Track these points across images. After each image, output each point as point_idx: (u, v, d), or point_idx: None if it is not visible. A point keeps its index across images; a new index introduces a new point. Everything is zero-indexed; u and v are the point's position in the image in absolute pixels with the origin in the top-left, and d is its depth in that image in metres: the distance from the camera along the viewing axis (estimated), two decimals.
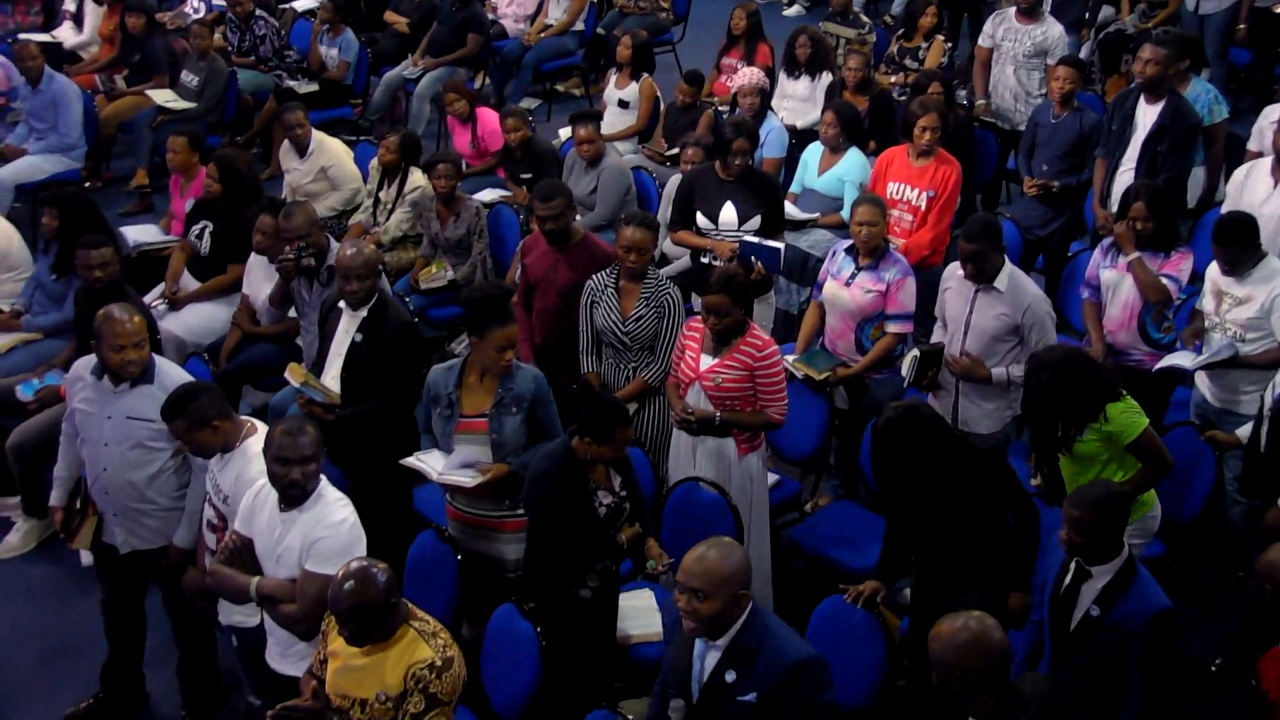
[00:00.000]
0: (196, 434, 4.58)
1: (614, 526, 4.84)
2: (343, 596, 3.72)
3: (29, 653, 5.89)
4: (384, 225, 7.92)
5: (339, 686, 3.85)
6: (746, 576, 3.89)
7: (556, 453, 4.84)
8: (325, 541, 4.16)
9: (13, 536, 6.56)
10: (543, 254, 6.27)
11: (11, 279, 7.25)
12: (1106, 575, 4.26)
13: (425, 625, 3.87)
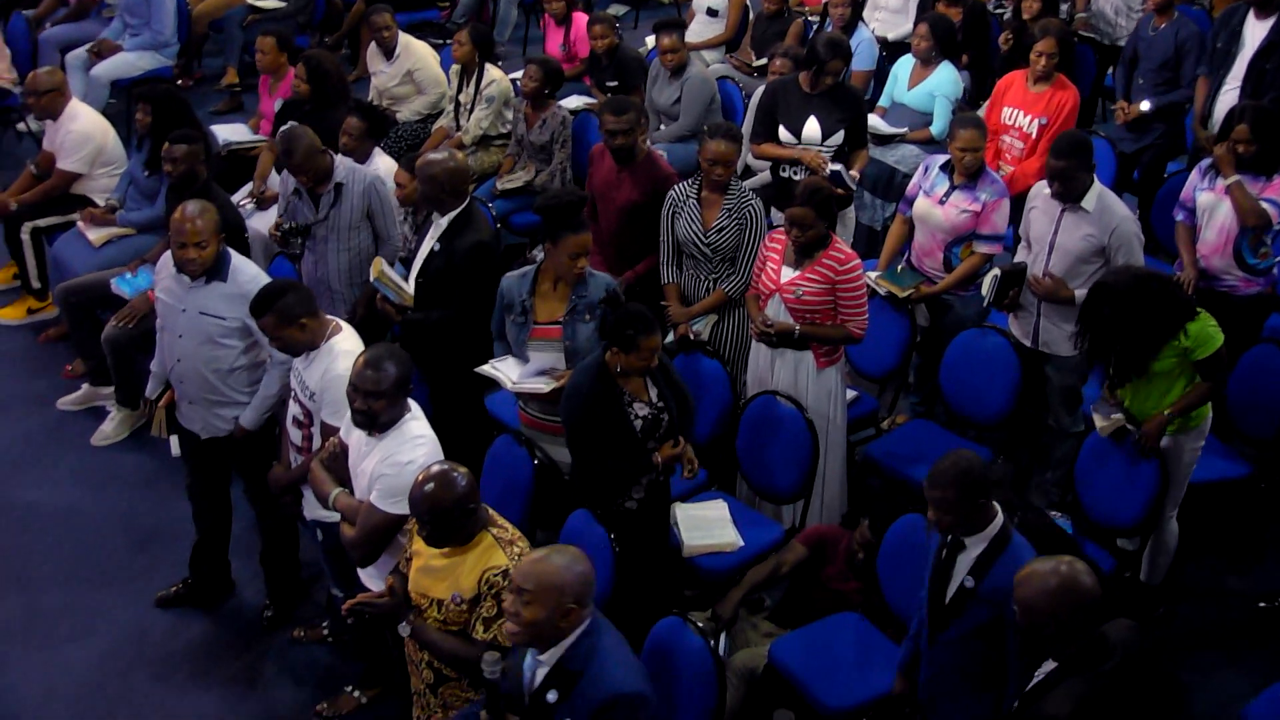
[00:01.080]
0: (284, 330, 4.63)
1: (653, 438, 4.82)
2: (422, 498, 3.75)
3: (122, 538, 6.08)
4: (465, 126, 7.91)
5: (419, 584, 3.91)
6: (584, 592, 3.51)
7: (589, 366, 4.82)
8: (389, 479, 4.18)
9: (107, 425, 6.74)
10: (608, 169, 6.24)
11: (107, 174, 7.38)
12: (980, 545, 4.10)
13: (504, 533, 3.89)
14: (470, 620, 3.80)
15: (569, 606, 3.46)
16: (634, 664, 3.61)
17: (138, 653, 5.44)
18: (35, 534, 6.06)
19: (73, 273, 6.99)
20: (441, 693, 3.96)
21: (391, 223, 6.18)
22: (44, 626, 5.57)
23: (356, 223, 6.05)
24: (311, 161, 5.96)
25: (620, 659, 3.56)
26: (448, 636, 3.83)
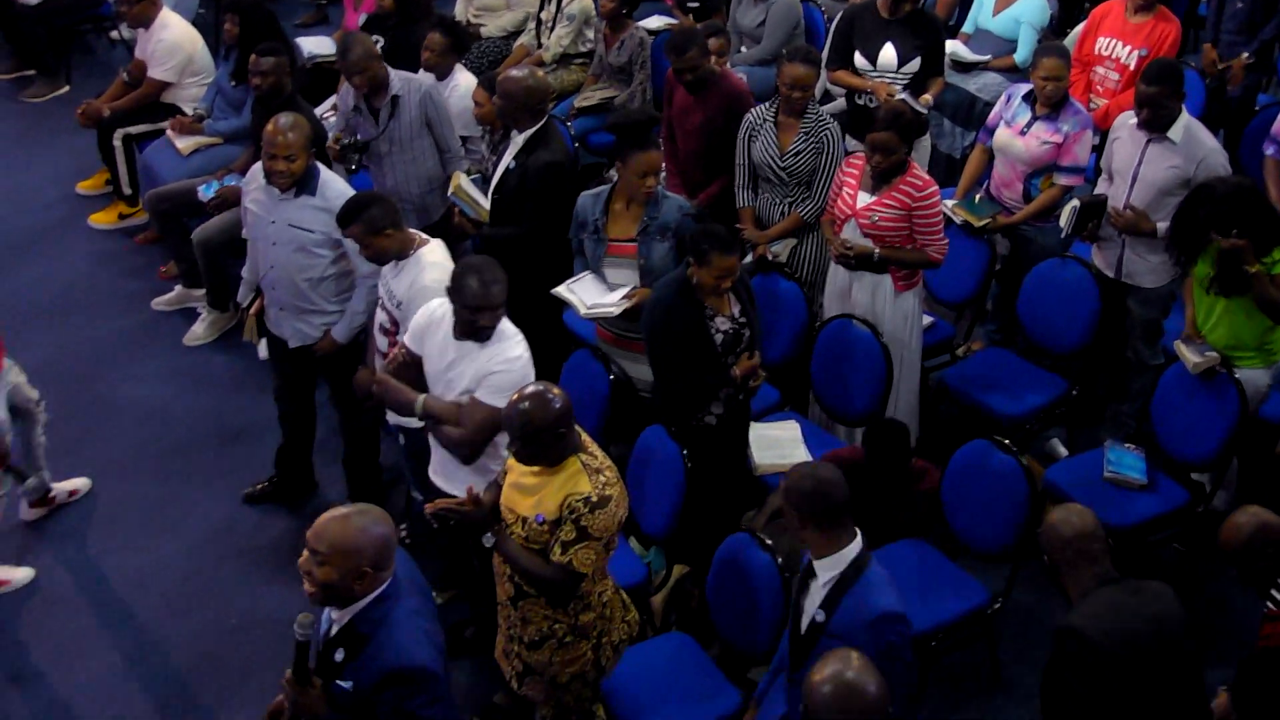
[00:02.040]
0: (372, 239, 4.65)
1: (733, 354, 4.80)
2: (516, 415, 3.74)
3: (212, 436, 6.20)
4: (546, 44, 7.84)
5: (509, 499, 3.92)
6: (381, 556, 3.27)
7: (672, 280, 4.80)
8: (500, 376, 4.20)
9: (199, 327, 6.85)
10: (682, 92, 6.18)
11: (195, 83, 7.42)
12: (829, 573, 3.66)
13: (593, 460, 3.86)
14: (550, 541, 3.81)
15: (364, 570, 3.23)
16: (425, 637, 3.30)
17: (225, 546, 5.57)
18: (131, 428, 6.20)
19: (161, 180, 7.06)
20: (521, 606, 3.99)
21: (450, 131, 6.16)
22: (139, 517, 5.72)
23: (416, 133, 6.04)
24: (367, 65, 5.93)
25: (411, 630, 3.28)
26: (527, 553, 3.84)
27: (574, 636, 4.00)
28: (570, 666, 4.05)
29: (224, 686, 4.97)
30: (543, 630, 4.00)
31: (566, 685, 4.09)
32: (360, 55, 5.93)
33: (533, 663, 4.07)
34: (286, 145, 4.98)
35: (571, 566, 3.77)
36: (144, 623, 5.21)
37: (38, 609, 5.29)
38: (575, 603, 3.94)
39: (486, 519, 3.92)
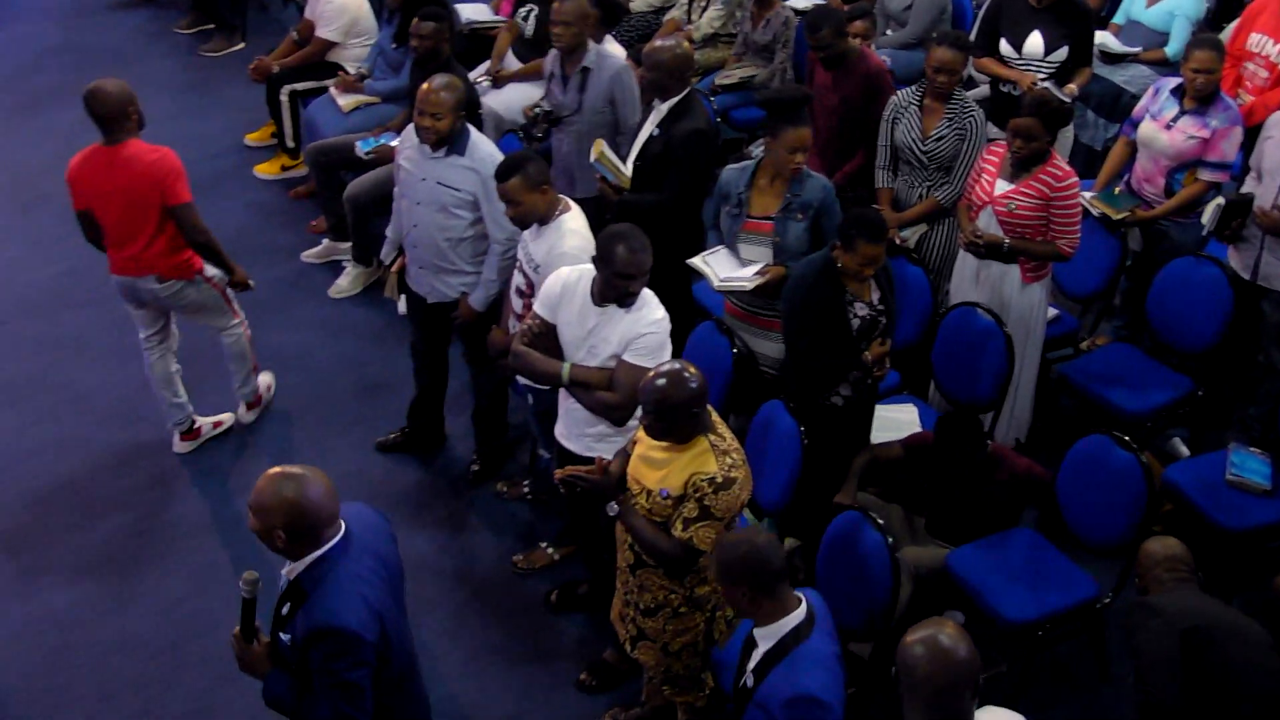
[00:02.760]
0: (527, 195, 4.65)
1: (867, 340, 4.73)
2: (652, 391, 3.73)
3: (349, 385, 6.35)
4: (696, 22, 7.80)
5: (636, 470, 3.93)
6: (291, 522, 3.19)
7: (817, 259, 4.75)
8: (647, 338, 4.21)
9: (343, 280, 7.00)
10: (821, 71, 6.10)
11: (359, 44, 7.56)
12: (766, 643, 3.46)
13: (721, 441, 3.83)
14: (672, 515, 3.80)
15: (275, 530, 3.19)
16: (360, 601, 3.22)
17: (358, 492, 5.67)
18: (276, 373, 6.36)
19: (322, 135, 7.22)
20: (639, 574, 4.01)
21: (632, 112, 6.11)
22: (278, 458, 5.86)
23: (600, 108, 6.04)
24: (574, 22, 5.89)
25: (346, 593, 3.21)
26: (649, 525, 3.85)
27: (688, 607, 4.01)
28: (682, 636, 4.06)
29: None
30: (658, 599, 4.01)
31: (677, 654, 4.10)
32: (571, 9, 5.92)
33: (647, 629, 4.08)
34: (436, 104, 5.03)
35: (691, 543, 3.77)
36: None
37: (179, 538, 5.49)
38: (692, 576, 3.95)
39: (613, 488, 3.93)
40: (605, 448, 4.31)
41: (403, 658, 3.47)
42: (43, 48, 9.61)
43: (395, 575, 3.45)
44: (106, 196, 5.27)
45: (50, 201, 7.67)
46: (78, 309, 6.80)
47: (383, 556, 3.40)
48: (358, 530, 3.35)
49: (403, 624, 3.49)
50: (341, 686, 3.20)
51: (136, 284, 5.46)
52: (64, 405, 6.15)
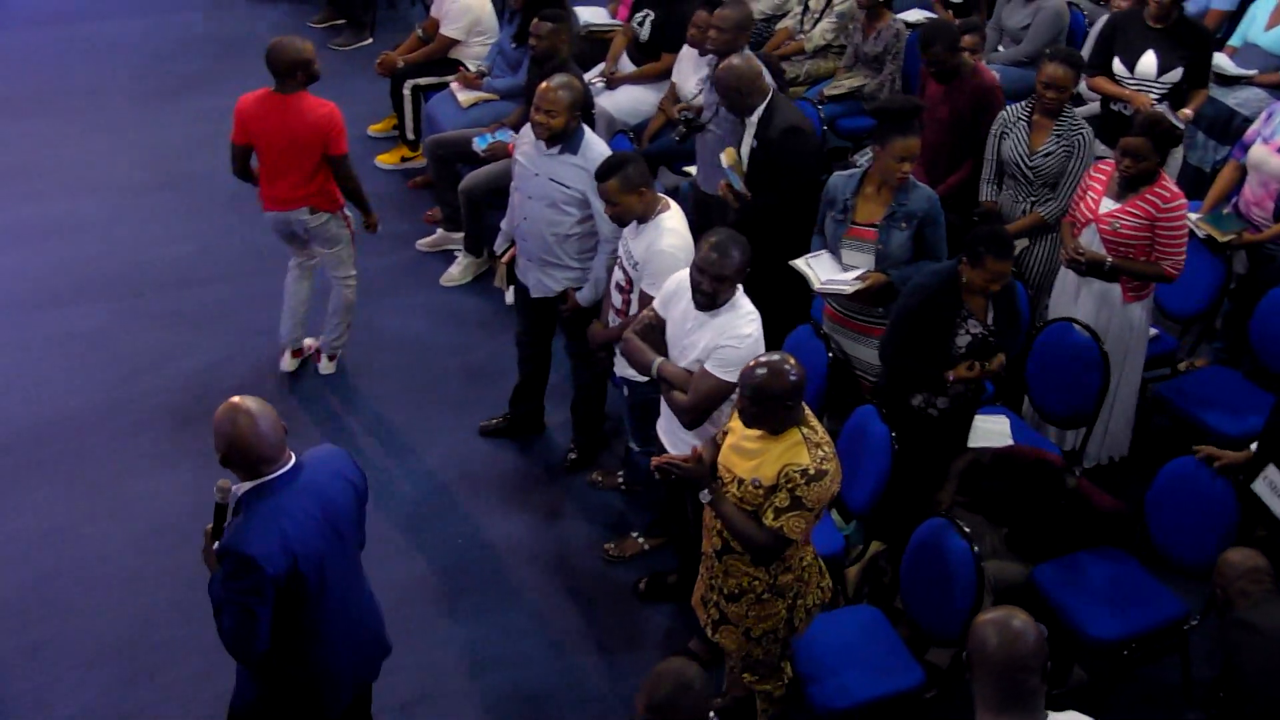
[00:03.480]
0: (624, 196, 4.65)
1: (976, 359, 4.64)
2: (751, 379, 3.72)
3: (454, 370, 6.41)
4: (809, 33, 7.73)
5: (727, 459, 3.92)
6: (229, 449, 3.39)
7: (941, 271, 4.69)
8: (728, 350, 4.17)
9: (454, 269, 7.08)
10: (933, 84, 6.01)
11: (480, 42, 7.63)
12: None
13: (813, 434, 3.81)
14: (763, 504, 3.79)
15: (220, 450, 3.40)
16: (275, 534, 3.33)
17: (459, 473, 5.76)
18: (389, 355, 6.46)
19: (441, 128, 7.30)
20: (725, 560, 3.99)
21: None
22: (386, 437, 5.97)
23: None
24: (729, 29, 5.87)
25: (261, 523, 3.34)
26: (740, 513, 3.83)
27: (771, 594, 3.99)
28: (764, 622, 4.04)
29: (438, 600, 5.13)
30: (742, 585, 4.00)
31: (758, 639, 4.08)
32: (731, 16, 5.90)
33: (729, 613, 4.07)
34: (553, 101, 5.05)
35: (782, 532, 3.75)
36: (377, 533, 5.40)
37: None
38: (776, 564, 3.93)
39: (706, 475, 3.93)
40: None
41: (334, 600, 3.53)
42: (187, 36, 9.87)
43: (342, 522, 3.53)
44: (272, 136, 5.67)
45: (185, 182, 7.89)
46: (204, 285, 6.96)
47: (329, 503, 3.49)
48: (311, 473, 3.48)
49: (344, 568, 3.56)
50: (239, 605, 3.33)
51: (290, 218, 5.85)
52: (188, 377, 6.30)
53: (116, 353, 6.38)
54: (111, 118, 8.63)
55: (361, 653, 3.77)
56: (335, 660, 3.64)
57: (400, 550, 5.33)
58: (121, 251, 7.22)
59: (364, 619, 3.74)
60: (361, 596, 3.73)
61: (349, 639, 3.66)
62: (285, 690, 3.61)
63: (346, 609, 3.61)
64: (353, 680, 3.79)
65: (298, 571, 3.37)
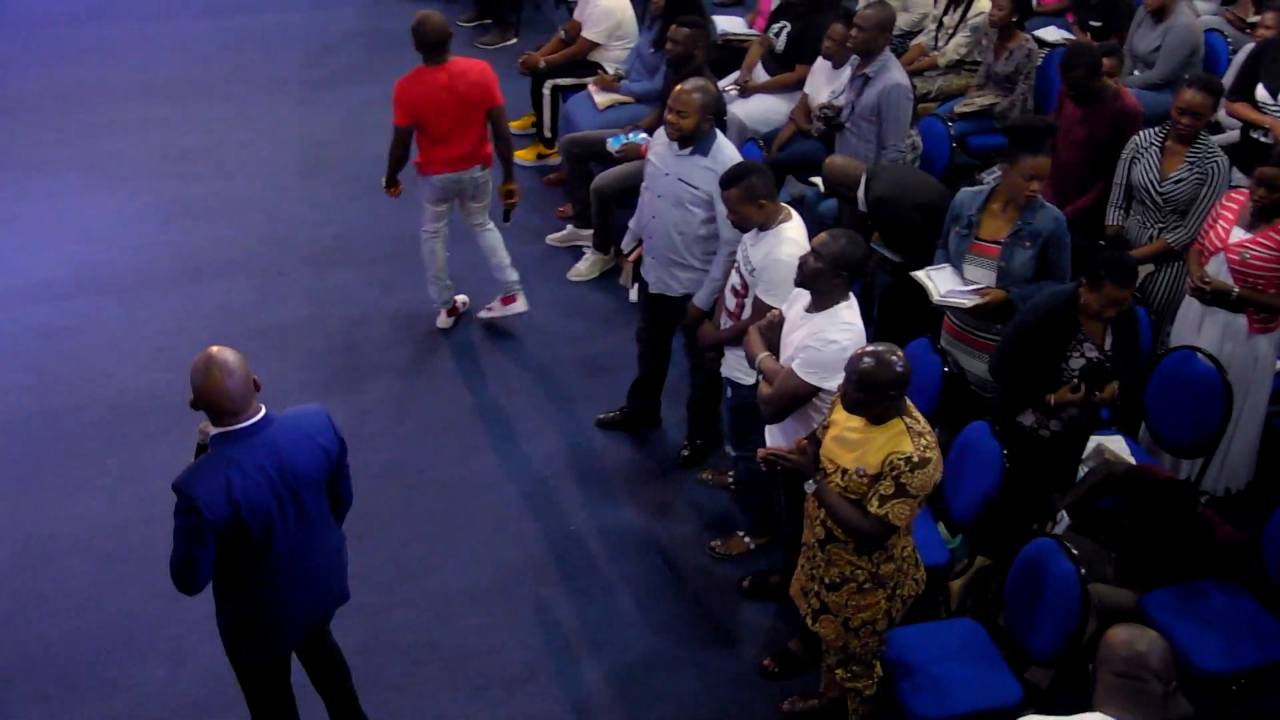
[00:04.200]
0: (744, 205, 4.64)
1: (1089, 383, 4.50)
2: (857, 365, 3.70)
3: (578, 362, 6.45)
4: (943, 49, 7.61)
5: (829, 450, 3.90)
6: (200, 397, 3.52)
7: (1062, 293, 4.57)
8: (813, 352, 4.14)
9: (581, 264, 7.12)
10: (1071, 105, 5.85)
11: (620, 46, 7.67)
12: None
13: (916, 424, 3.79)
14: (868, 493, 3.77)
15: (193, 398, 3.52)
16: (220, 480, 3.45)
17: (573, 461, 5.79)
18: (515, 343, 6.54)
19: (577, 127, 7.35)
20: (828, 550, 3.96)
21: (895, 131, 6.01)
22: (505, 422, 6.04)
23: (867, 116, 5.99)
24: (871, 28, 5.92)
25: (208, 467, 3.49)
26: (845, 502, 3.81)
27: (872, 584, 3.95)
28: (863, 612, 4.00)
29: (547, 582, 5.16)
30: (844, 574, 3.96)
31: (856, 630, 4.04)
32: (872, 16, 5.96)
33: (829, 603, 4.04)
34: (685, 102, 5.05)
35: (887, 519, 3.73)
36: (496, 515, 5.48)
37: (414, 493, 5.66)
38: (879, 553, 3.90)
39: (811, 467, 3.92)
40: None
41: (283, 551, 3.65)
42: (341, 31, 10.11)
43: (299, 481, 3.62)
44: (443, 105, 5.91)
45: (334, 169, 8.08)
46: (346, 266, 7.13)
47: (288, 462, 3.59)
48: (277, 431, 3.58)
49: (295, 523, 3.65)
50: (183, 541, 3.47)
51: (463, 177, 6.15)
52: (330, 351, 6.46)
53: (260, 327, 6.57)
54: (269, 105, 8.89)
55: (313, 600, 3.89)
56: (282, 604, 3.77)
57: (513, 532, 5.38)
58: (270, 231, 7.43)
59: (317, 571, 3.83)
60: (317, 550, 3.80)
61: (298, 586, 3.78)
62: (237, 620, 3.78)
63: (296, 561, 3.71)
64: (303, 621, 3.91)
65: (239, 520, 3.49)
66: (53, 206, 7.59)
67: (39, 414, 5.91)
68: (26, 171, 7.95)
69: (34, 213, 7.51)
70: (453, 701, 4.61)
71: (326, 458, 3.72)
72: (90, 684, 4.61)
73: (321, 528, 3.79)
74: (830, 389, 4.13)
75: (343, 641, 4.21)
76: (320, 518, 3.78)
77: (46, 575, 5.06)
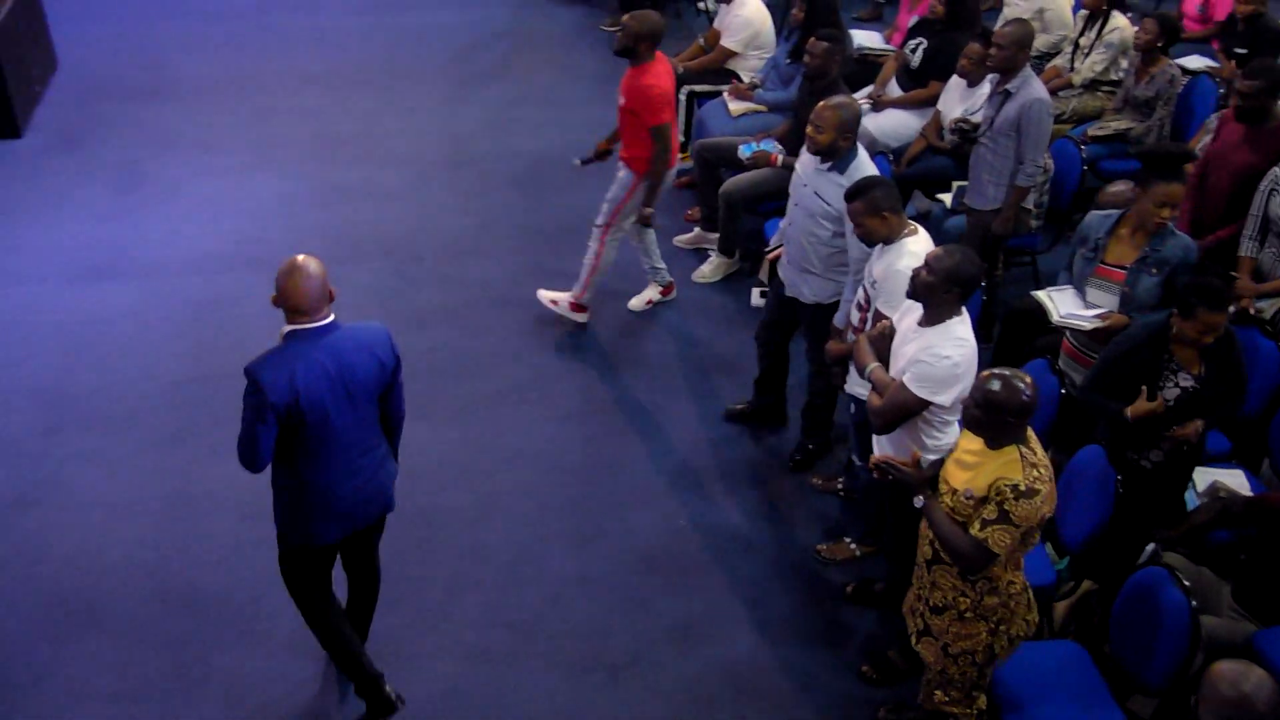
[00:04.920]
0: (868, 219, 4.59)
1: (1180, 414, 4.35)
2: (985, 384, 3.61)
3: (697, 361, 6.46)
4: (1078, 68, 7.42)
5: (947, 470, 3.84)
6: (282, 297, 3.83)
7: (1154, 321, 4.43)
8: (924, 366, 4.06)
9: (706, 266, 7.13)
10: (1230, 129, 5.62)
11: (757, 56, 7.65)
12: None
13: (1032, 455, 3.67)
14: (972, 515, 3.69)
15: (275, 295, 3.83)
16: (285, 371, 3.77)
17: (689, 457, 5.79)
18: (636, 340, 6.57)
19: (710, 133, 7.36)
20: (934, 570, 3.90)
21: (1033, 147, 5.88)
22: (625, 415, 6.07)
23: (1006, 130, 5.88)
24: (1009, 47, 5.82)
25: (277, 356, 3.82)
26: (948, 521, 3.75)
27: (974, 615, 3.86)
28: (963, 641, 3.92)
29: (656, 573, 5.18)
30: (948, 599, 3.89)
31: (955, 657, 3.96)
32: (1012, 33, 5.87)
33: (932, 625, 3.98)
34: (823, 118, 5.02)
35: (987, 544, 3.64)
36: (612, 504, 5.52)
37: (536, 478, 5.73)
38: (983, 584, 3.81)
39: (922, 482, 3.86)
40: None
41: (337, 442, 3.94)
42: (490, 31, 10.28)
43: (355, 385, 3.91)
44: (671, 97, 6.11)
45: (475, 163, 8.22)
46: (481, 256, 7.24)
47: (346, 366, 3.89)
48: (340, 338, 3.89)
49: (349, 422, 3.94)
50: (249, 421, 3.79)
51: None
52: (461, 335, 6.58)
53: (397, 308, 6.71)
54: (417, 98, 9.08)
55: (355, 496, 4.08)
56: (327, 492, 4.01)
57: (627, 523, 5.42)
58: (412, 218, 7.60)
59: (363, 471, 4.06)
60: (365, 453, 4.05)
61: (344, 480, 4.02)
62: (289, 502, 4.04)
63: (345, 458, 3.99)
64: (345, 515, 4.11)
65: (298, 407, 3.79)
66: (219, 184, 7.89)
67: (191, 380, 6.15)
68: (200, 150, 8.27)
69: (204, 189, 7.80)
70: (558, 681, 4.66)
71: (381, 370, 3.99)
72: (236, 626, 4.79)
73: (371, 433, 4.06)
74: (940, 403, 4.07)
75: (458, 617, 4.29)
76: (370, 423, 4.04)
77: (190, 529, 5.26)
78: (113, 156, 8.12)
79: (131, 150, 8.20)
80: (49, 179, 7.72)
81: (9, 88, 7.95)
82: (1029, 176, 5.91)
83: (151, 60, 9.23)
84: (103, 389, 6.01)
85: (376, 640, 4.67)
